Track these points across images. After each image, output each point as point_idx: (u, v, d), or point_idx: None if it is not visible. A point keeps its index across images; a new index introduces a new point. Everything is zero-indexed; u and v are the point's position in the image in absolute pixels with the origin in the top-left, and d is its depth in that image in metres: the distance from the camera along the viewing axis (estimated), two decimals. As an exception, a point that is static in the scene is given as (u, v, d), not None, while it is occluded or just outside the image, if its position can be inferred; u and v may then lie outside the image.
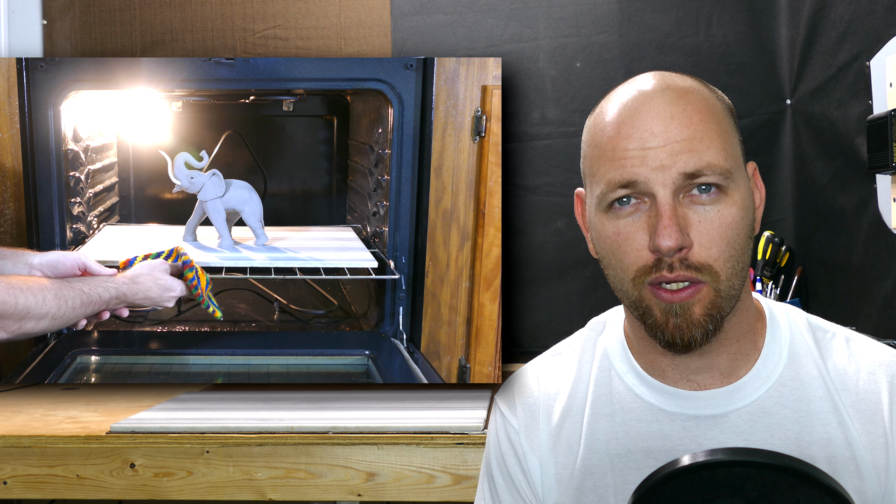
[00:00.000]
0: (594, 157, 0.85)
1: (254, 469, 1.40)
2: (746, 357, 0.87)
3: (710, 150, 0.80)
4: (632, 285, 0.83)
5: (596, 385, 0.92)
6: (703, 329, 0.81)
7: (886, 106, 1.54)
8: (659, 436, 0.87)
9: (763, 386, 0.86)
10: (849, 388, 0.86)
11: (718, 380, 0.87)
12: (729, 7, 2.05)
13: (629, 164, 0.80)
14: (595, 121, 0.87)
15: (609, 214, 0.83)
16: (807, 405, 0.85)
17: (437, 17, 2.14)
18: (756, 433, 0.85)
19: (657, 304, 0.81)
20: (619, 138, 0.82)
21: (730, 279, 0.81)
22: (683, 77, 0.85)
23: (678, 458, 0.76)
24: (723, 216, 0.80)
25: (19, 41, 2.17)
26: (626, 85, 0.86)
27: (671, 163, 0.79)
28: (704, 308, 0.81)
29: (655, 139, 0.80)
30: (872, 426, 0.84)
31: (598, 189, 0.84)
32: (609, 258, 0.84)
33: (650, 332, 0.84)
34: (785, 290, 1.95)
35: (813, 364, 0.87)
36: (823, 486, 0.72)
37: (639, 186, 0.80)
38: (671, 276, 0.80)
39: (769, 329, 0.89)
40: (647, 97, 0.82)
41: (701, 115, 0.81)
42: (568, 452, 0.91)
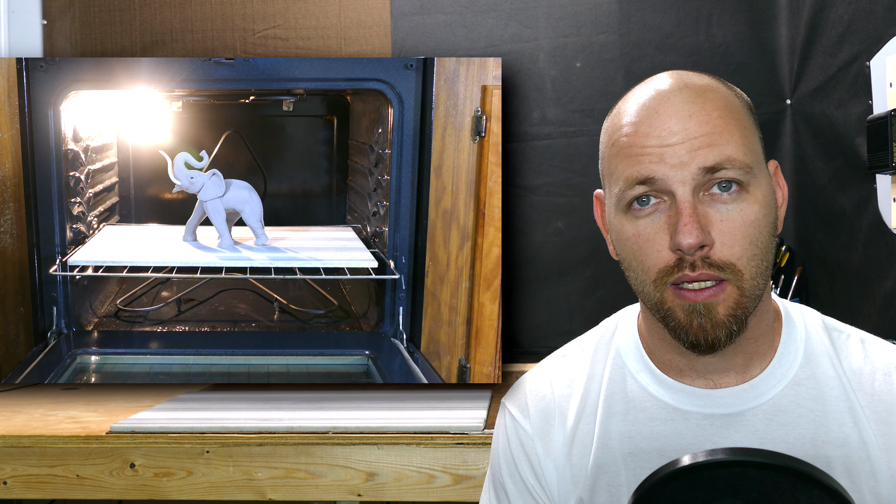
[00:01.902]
0: (612, 156, 0.84)
1: (254, 469, 1.40)
2: (763, 356, 0.87)
3: (729, 145, 0.79)
4: (653, 287, 0.81)
5: (609, 384, 0.91)
6: (728, 329, 0.80)
7: (886, 106, 1.54)
8: (674, 435, 0.86)
9: (779, 384, 0.86)
10: (864, 389, 0.85)
11: (734, 378, 0.86)
12: (729, 7, 2.05)
13: (647, 160, 0.80)
14: (613, 121, 0.86)
15: (628, 215, 0.82)
16: (823, 405, 0.85)
17: (437, 17, 2.14)
18: (772, 432, 0.84)
19: (680, 304, 0.80)
20: (638, 136, 0.81)
21: (754, 278, 0.80)
22: (701, 75, 0.84)
23: (678, 459, 0.76)
24: (745, 214, 0.79)
25: (19, 41, 2.17)
26: (643, 85, 0.85)
27: (690, 159, 0.78)
28: (729, 308, 0.79)
29: (674, 136, 0.79)
30: (888, 427, 0.84)
31: (617, 187, 0.83)
32: (630, 260, 0.83)
33: (673, 334, 0.82)
34: (785, 290, 1.95)
35: (829, 364, 0.87)
36: (823, 486, 0.72)
37: (657, 184, 0.79)
38: (694, 276, 0.78)
39: (785, 328, 0.89)
40: (665, 96, 0.81)
41: (720, 111, 0.80)
42: (583, 452, 0.91)
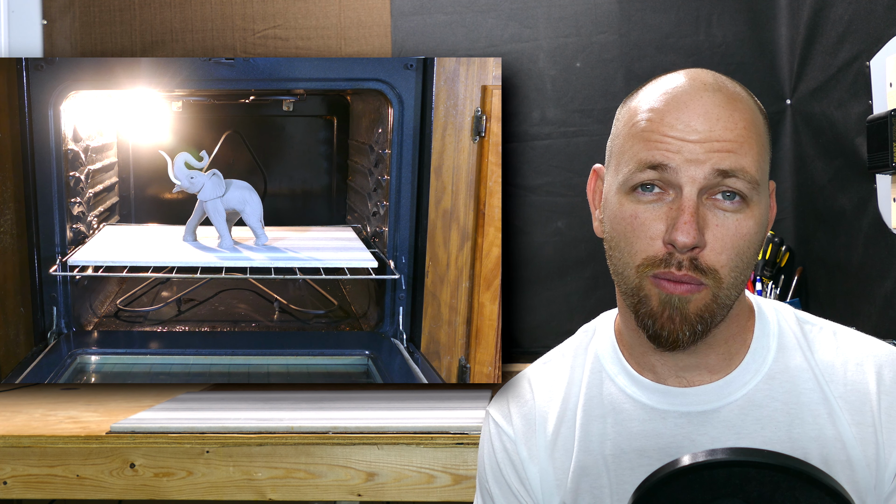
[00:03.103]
0: (629, 135, 0.84)
1: (254, 469, 1.40)
2: (736, 353, 0.88)
3: (746, 157, 0.80)
4: (635, 272, 0.82)
5: (588, 388, 0.93)
6: (692, 328, 0.81)
7: (886, 106, 1.54)
8: (652, 434, 0.88)
9: (753, 379, 0.87)
10: (837, 380, 0.86)
11: (708, 376, 0.87)
12: (729, 7, 2.05)
13: (664, 147, 0.80)
14: (637, 103, 0.85)
15: (630, 197, 0.83)
16: (797, 397, 0.86)
17: (437, 17, 2.14)
18: (747, 426, 0.85)
19: (657, 293, 0.81)
20: (661, 124, 0.81)
21: (730, 288, 0.81)
22: (734, 83, 0.85)
23: (678, 459, 0.76)
24: (740, 226, 0.80)
25: (19, 41, 2.17)
26: (678, 74, 0.85)
27: (706, 158, 0.79)
28: (699, 309, 0.81)
29: (697, 134, 0.80)
30: (861, 417, 0.85)
31: (627, 168, 0.83)
32: (619, 240, 0.84)
33: (640, 321, 0.83)
34: (785, 290, 1.95)
35: (802, 356, 0.88)
36: (823, 486, 0.72)
37: (668, 173, 0.80)
38: (678, 275, 0.80)
39: (758, 323, 0.90)
40: (699, 92, 0.82)
41: (745, 123, 0.81)
42: (564, 456, 0.92)
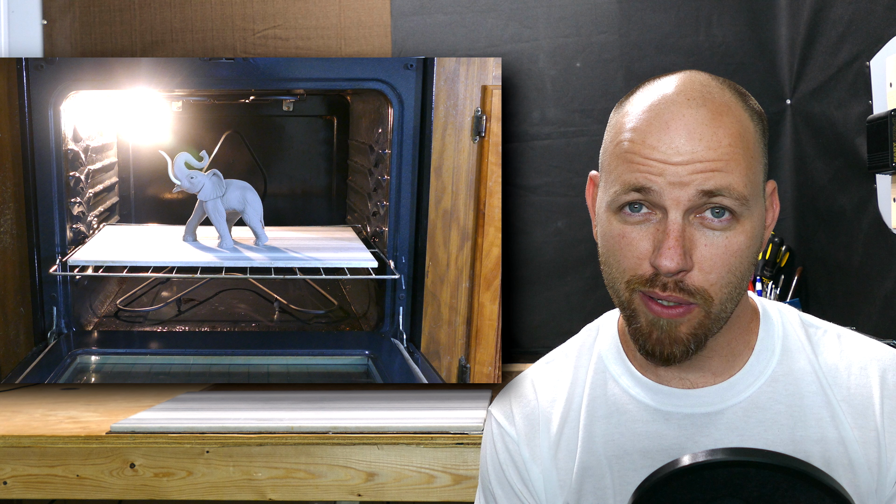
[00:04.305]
0: (614, 153, 0.84)
1: (254, 469, 1.40)
2: (740, 355, 0.88)
3: (732, 175, 0.78)
4: (625, 287, 0.83)
5: (592, 388, 0.93)
6: (685, 347, 0.81)
7: (886, 106, 1.54)
8: (655, 436, 0.87)
9: (756, 381, 0.87)
10: (840, 384, 0.86)
11: (711, 378, 0.88)
12: (729, 7, 2.05)
13: (647, 170, 0.79)
14: (622, 118, 0.84)
15: (618, 216, 0.82)
16: (800, 400, 0.86)
17: (437, 17, 2.14)
18: (750, 429, 0.85)
19: (645, 313, 0.82)
20: (643, 146, 0.80)
21: (723, 303, 0.81)
22: (723, 89, 0.82)
23: (678, 459, 0.76)
24: (730, 244, 0.79)
25: (19, 41, 2.17)
26: (661, 83, 0.83)
27: (690, 180, 0.78)
28: (691, 328, 0.81)
29: (679, 156, 0.78)
30: (864, 420, 0.85)
31: (613, 189, 0.83)
32: (608, 256, 0.84)
33: (633, 336, 0.84)
34: (785, 290, 1.95)
35: (805, 359, 0.88)
36: (824, 486, 0.72)
37: (652, 195, 0.79)
38: (663, 295, 0.80)
39: (762, 325, 0.90)
40: (680, 110, 0.80)
41: (731, 138, 0.79)
42: (568, 457, 0.92)
